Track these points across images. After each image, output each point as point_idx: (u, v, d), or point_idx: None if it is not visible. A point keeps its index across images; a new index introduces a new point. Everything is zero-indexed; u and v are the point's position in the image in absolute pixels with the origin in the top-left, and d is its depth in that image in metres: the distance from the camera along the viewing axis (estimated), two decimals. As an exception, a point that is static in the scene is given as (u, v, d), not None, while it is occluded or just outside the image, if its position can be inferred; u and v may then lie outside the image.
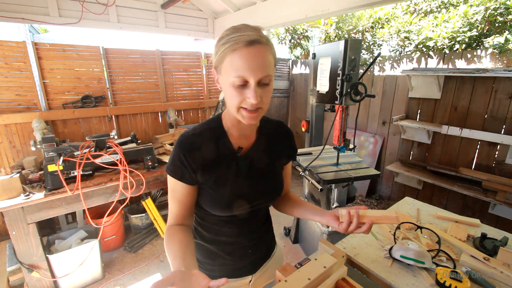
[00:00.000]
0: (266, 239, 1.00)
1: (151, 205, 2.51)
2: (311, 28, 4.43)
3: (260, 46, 0.67)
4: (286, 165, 0.98)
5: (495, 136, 2.34)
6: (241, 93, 0.69)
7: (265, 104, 0.72)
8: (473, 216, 2.44)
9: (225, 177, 0.81)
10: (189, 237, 0.79)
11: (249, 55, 0.66)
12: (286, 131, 0.96)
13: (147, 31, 3.01)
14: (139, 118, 3.07)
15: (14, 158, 2.41)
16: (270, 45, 0.71)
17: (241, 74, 0.66)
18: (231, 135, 0.83)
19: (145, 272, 2.33)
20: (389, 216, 0.77)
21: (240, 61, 0.66)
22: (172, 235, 0.77)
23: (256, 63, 0.66)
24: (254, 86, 0.67)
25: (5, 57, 2.29)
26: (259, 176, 0.86)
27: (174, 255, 0.71)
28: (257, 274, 0.98)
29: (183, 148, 0.77)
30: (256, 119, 0.73)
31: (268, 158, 0.89)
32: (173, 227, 0.81)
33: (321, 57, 1.82)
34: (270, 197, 0.90)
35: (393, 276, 0.92)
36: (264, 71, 0.67)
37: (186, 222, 0.84)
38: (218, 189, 0.81)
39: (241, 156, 0.83)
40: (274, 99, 4.54)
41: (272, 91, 0.74)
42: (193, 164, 0.77)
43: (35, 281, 1.91)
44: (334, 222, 0.80)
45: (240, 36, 0.66)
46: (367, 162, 3.50)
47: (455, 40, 2.75)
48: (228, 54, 0.67)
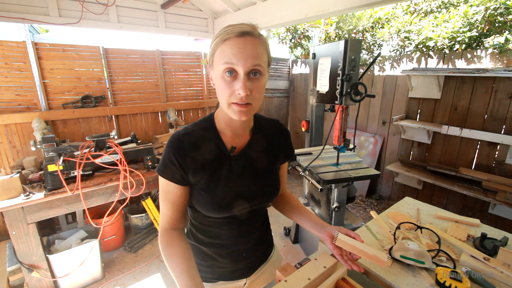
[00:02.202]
0: (262, 243, 0.98)
1: (151, 205, 2.51)
2: (311, 28, 4.43)
3: (251, 38, 0.67)
4: (282, 165, 0.96)
5: (495, 136, 2.34)
6: (231, 85, 0.67)
7: (256, 100, 0.70)
8: (473, 216, 2.44)
9: (217, 178, 0.79)
10: (188, 246, 0.78)
11: (239, 43, 0.65)
12: (282, 130, 0.93)
13: (147, 31, 3.01)
14: (139, 118, 3.07)
15: (14, 158, 2.41)
16: (263, 40, 0.70)
17: (228, 60, 0.65)
18: (224, 134, 0.81)
19: (145, 272, 2.33)
20: (380, 259, 0.74)
21: (229, 49, 0.66)
22: (170, 244, 0.76)
23: (245, 52, 0.65)
24: (243, 77, 0.66)
25: (5, 57, 2.29)
26: (254, 177, 0.84)
27: (180, 271, 0.70)
28: (252, 277, 0.96)
29: (174, 148, 0.76)
30: (247, 115, 0.71)
31: (263, 158, 0.86)
32: (169, 233, 0.79)
33: (321, 57, 1.82)
34: (266, 198, 0.87)
35: (393, 276, 0.92)
36: (253, 61, 0.66)
37: (179, 226, 0.83)
38: (210, 190, 0.78)
39: (234, 156, 0.81)
40: (274, 99, 4.53)
41: (264, 87, 0.72)
42: (183, 164, 0.75)
43: (35, 281, 1.91)
44: (330, 244, 0.79)
45: (232, 28, 0.67)
46: (367, 162, 3.50)
47: (455, 40, 2.75)
48: (219, 45, 0.68)
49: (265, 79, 0.72)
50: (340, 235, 0.78)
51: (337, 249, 0.77)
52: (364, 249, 0.75)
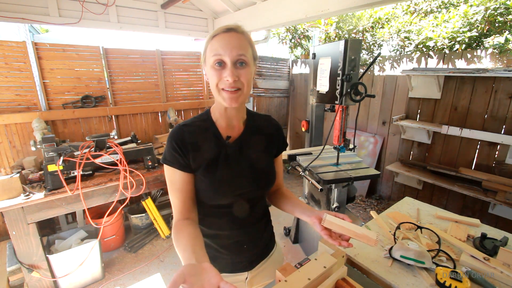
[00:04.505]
0: (263, 236, 1.00)
1: (151, 205, 2.51)
2: (311, 28, 4.43)
3: (236, 33, 0.78)
4: (277, 158, 1.00)
5: (495, 136, 2.34)
6: (220, 73, 0.77)
7: (245, 85, 0.79)
8: (473, 216, 2.44)
9: (215, 163, 0.85)
10: (197, 230, 0.79)
11: (225, 37, 0.77)
12: (274, 123, 1.00)
13: (147, 31, 3.01)
14: (139, 118, 3.07)
15: (14, 158, 2.41)
16: (247, 36, 0.80)
17: (217, 53, 0.76)
18: (219, 125, 0.88)
19: (145, 272, 2.33)
20: (369, 237, 0.73)
21: (217, 43, 0.77)
22: (180, 230, 0.77)
23: (231, 44, 0.76)
24: (230, 65, 0.76)
25: (5, 57, 2.29)
26: (249, 164, 0.89)
27: (184, 247, 0.71)
28: (253, 272, 0.98)
29: (175, 136, 0.83)
30: (237, 101, 0.79)
31: (257, 148, 0.92)
32: (181, 222, 0.81)
33: (321, 57, 1.82)
34: (262, 185, 0.91)
35: (393, 276, 0.92)
36: (238, 51, 0.76)
37: (191, 216, 0.85)
38: (209, 175, 0.83)
39: (229, 144, 0.87)
40: (274, 99, 4.53)
41: (251, 76, 0.81)
42: (185, 151, 0.82)
43: (35, 281, 1.91)
44: (318, 225, 0.79)
45: (220, 27, 0.79)
46: (367, 162, 3.50)
47: (455, 40, 2.75)
48: (209, 41, 0.79)
49: (251, 69, 0.80)
50: (328, 216, 0.78)
51: (325, 230, 0.78)
52: (353, 228, 0.75)
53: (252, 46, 0.81)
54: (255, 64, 0.85)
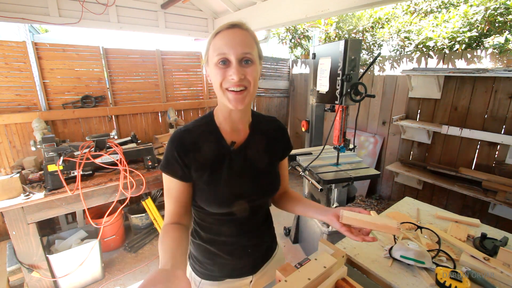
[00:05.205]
0: (266, 239, 0.99)
1: (151, 205, 2.51)
2: (311, 28, 4.43)
3: (240, 29, 0.72)
4: (282, 160, 0.98)
5: (495, 136, 2.34)
6: (224, 71, 0.71)
7: (251, 83, 0.73)
8: (473, 216, 2.44)
9: (219, 173, 0.80)
10: (184, 235, 0.77)
11: (229, 34, 0.71)
12: (280, 126, 0.96)
13: (147, 31, 3.01)
14: (139, 118, 3.07)
15: (14, 158, 2.41)
16: (252, 33, 0.75)
17: (221, 51, 0.70)
18: (223, 130, 0.83)
19: (145, 272, 2.33)
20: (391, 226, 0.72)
21: (220, 41, 0.71)
22: (166, 233, 0.76)
23: (235, 41, 0.70)
24: (235, 63, 0.70)
25: (5, 57, 2.29)
26: (255, 171, 0.85)
27: (165, 251, 0.69)
28: (257, 274, 0.97)
29: (176, 145, 0.78)
30: (243, 102, 0.73)
31: (262, 153, 0.88)
32: (168, 226, 0.79)
33: (321, 57, 1.82)
34: (267, 192, 0.89)
35: (393, 276, 0.92)
36: (244, 49, 0.70)
37: (182, 221, 0.83)
38: (212, 185, 0.80)
39: (234, 151, 0.83)
40: (274, 99, 4.53)
41: (257, 75, 0.75)
42: (186, 160, 0.77)
43: (35, 281, 1.91)
44: (336, 223, 0.77)
45: (224, 24, 0.73)
46: (367, 162, 3.50)
47: (455, 40, 2.75)
48: (212, 39, 0.73)
49: (257, 68, 0.75)
50: (346, 212, 0.77)
51: (344, 226, 0.76)
52: (372, 220, 0.74)
53: (258, 44, 0.76)
54: (261, 63, 0.80)
